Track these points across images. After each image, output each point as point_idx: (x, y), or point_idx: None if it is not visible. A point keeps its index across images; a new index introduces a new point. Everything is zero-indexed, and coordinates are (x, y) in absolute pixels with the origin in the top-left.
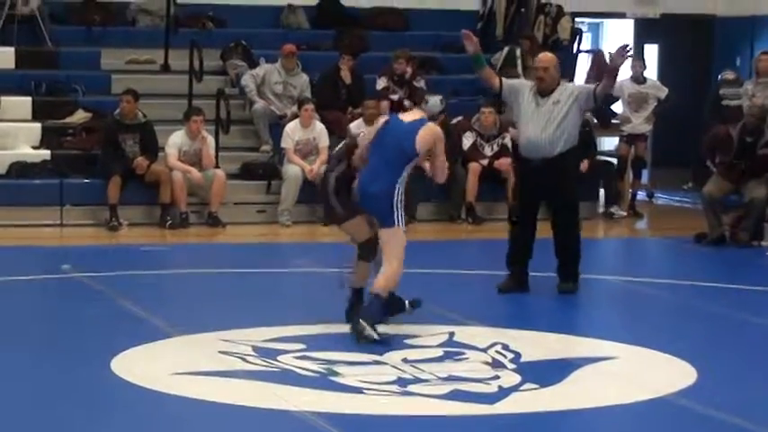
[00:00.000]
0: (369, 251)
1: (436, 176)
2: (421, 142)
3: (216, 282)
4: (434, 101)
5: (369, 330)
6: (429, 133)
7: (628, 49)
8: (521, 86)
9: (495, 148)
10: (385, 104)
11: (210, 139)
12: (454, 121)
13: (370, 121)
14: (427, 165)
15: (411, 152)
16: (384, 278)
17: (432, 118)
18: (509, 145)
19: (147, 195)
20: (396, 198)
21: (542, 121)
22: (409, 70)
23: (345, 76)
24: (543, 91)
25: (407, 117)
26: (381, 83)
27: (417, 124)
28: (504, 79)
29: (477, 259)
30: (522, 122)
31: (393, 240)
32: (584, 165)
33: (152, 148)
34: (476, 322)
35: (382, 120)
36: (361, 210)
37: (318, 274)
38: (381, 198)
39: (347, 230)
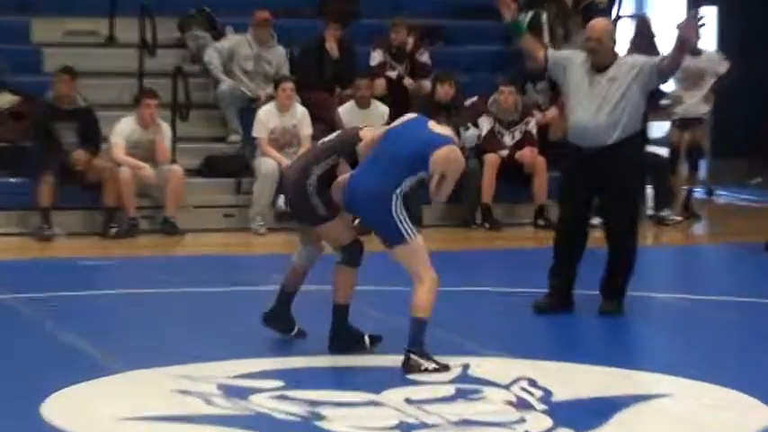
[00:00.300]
0: (354, 254)
1: (437, 195)
2: (437, 156)
3: (172, 303)
4: (472, 133)
5: (425, 363)
6: (447, 155)
7: (699, 17)
8: (570, 59)
9: (518, 135)
10: (381, 83)
11: (166, 128)
12: (467, 102)
13: (362, 105)
14: (433, 182)
15: (422, 161)
16: (422, 298)
17: (461, 148)
18: (534, 132)
19: (87, 197)
20: (393, 206)
21: (596, 102)
22: (410, 41)
23: (332, 48)
24: (597, 66)
25: (437, 128)
26: (376, 57)
27: (443, 140)
28: (550, 50)
29: (496, 273)
30: (572, 103)
31: (411, 257)
32: None
33: (94, 138)
34: (496, 352)
35: (409, 115)
36: (340, 208)
37: (299, 294)
38: (374, 200)
39: (328, 233)
